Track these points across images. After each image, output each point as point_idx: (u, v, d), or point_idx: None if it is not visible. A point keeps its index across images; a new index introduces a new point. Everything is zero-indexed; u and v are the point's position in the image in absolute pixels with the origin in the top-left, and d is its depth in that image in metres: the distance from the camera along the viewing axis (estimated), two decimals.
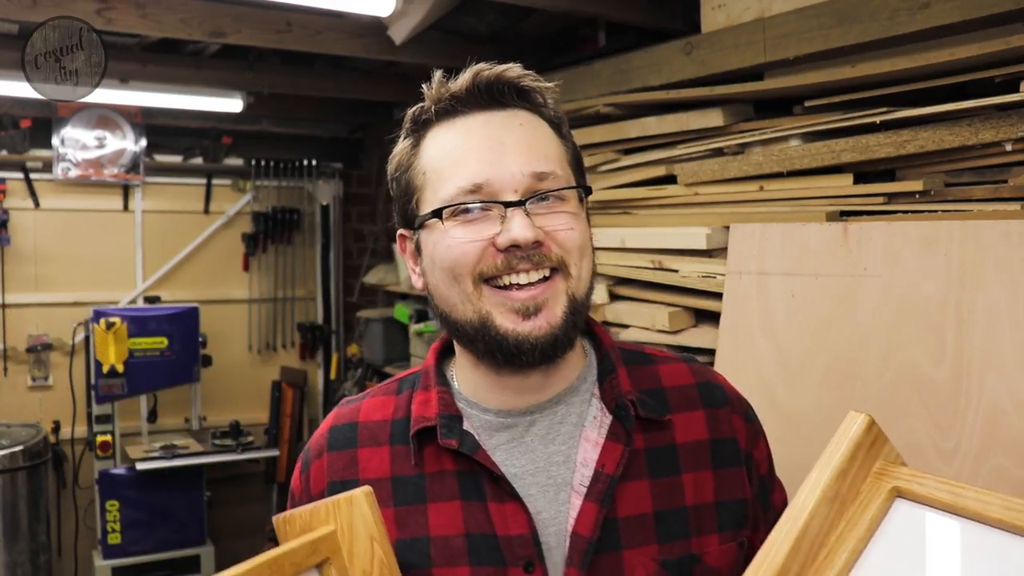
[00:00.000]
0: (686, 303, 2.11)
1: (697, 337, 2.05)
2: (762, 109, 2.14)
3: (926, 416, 1.45)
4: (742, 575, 0.84)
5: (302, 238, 4.81)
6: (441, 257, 0.88)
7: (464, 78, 0.90)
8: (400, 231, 0.97)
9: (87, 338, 3.96)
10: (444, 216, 0.87)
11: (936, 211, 1.66)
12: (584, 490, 0.88)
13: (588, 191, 0.93)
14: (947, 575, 0.75)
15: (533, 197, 0.86)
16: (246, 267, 4.69)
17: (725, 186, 2.09)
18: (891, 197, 1.75)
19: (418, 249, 0.93)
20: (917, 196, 1.70)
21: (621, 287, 2.36)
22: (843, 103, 1.86)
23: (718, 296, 1.94)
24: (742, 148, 2.07)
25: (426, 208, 0.90)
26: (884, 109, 1.74)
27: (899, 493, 0.83)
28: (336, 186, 4.86)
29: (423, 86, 0.93)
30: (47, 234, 4.19)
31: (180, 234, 4.50)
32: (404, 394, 0.97)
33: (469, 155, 0.87)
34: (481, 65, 0.91)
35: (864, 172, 1.83)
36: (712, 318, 2.03)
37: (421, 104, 0.93)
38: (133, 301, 4.36)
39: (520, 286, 0.86)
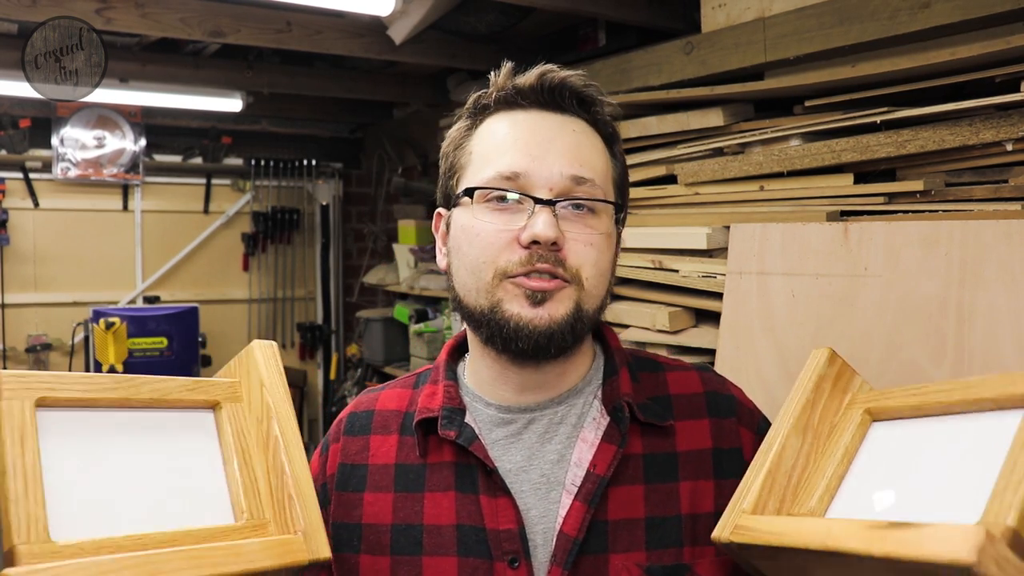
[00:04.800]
0: (686, 303, 2.11)
1: (697, 337, 2.05)
2: (762, 109, 2.14)
3: None
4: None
5: (302, 238, 4.81)
6: (468, 242, 0.89)
7: (531, 75, 0.92)
8: (438, 209, 0.98)
9: (87, 338, 3.96)
10: (476, 198, 0.89)
11: (936, 211, 1.66)
12: (575, 490, 0.88)
13: (621, 209, 0.94)
14: (926, 475, 0.76)
15: (565, 201, 0.87)
16: (246, 267, 4.69)
17: (725, 186, 2.09)
18: (891, 197, 1.75)
19: (448, 228, 0.94)
20: (917, 196, 1.70)
21: (621, 287, 2.36)
22: (843, 103, 1.86)
23: (718, 296, 1.94)
24: (742, 148, 2.07)
25: (463, 187, 0.91)
26: (884, 109, 1.74)
27: (872, 415, 0.84)
28: (336, 186, 4.86)
29: (491, 74, 0.95)
30: (47, 234, 4.19)
31: (180, 234, 4.50)
32: (419, 388, 1.00)
33: (515, 145, 0.89)
34: (550, 66, 0.92)
35: (864, 172, 1.83)
36: (712, 318, 2.03)
37: (485, 90, 0.95)
38: (133, 301, 4.36)
39: (536, 276, 0.86)
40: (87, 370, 3.95)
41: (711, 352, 1.94)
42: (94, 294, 4.24)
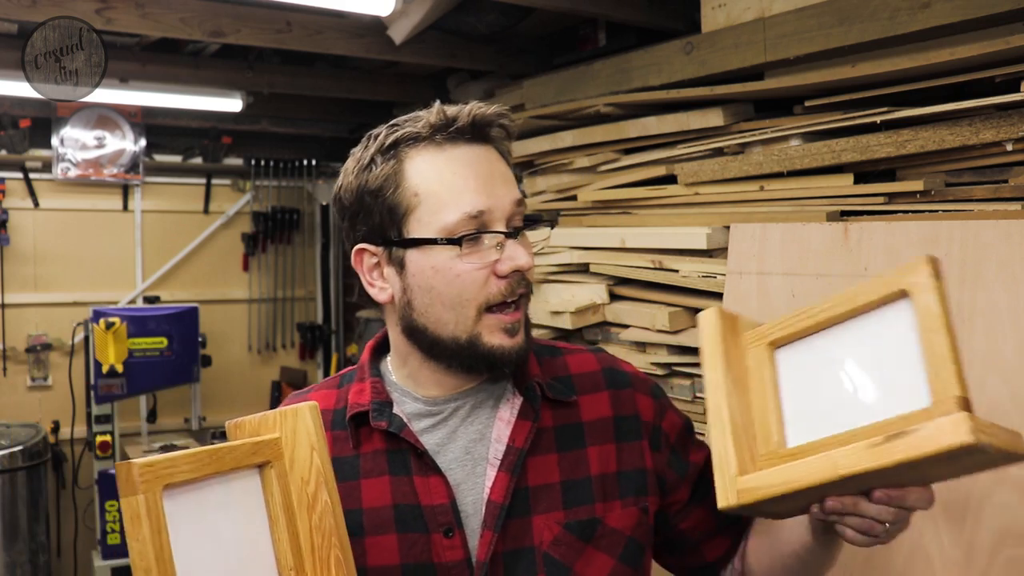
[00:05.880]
0: (686, 303, 2.11)
1: (697, 337, 2.05)
2: (762, 109, 2.14)
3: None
4: (655, 527, 1.03)
5: (302, 238, 4.81)
6: (446, 281, 0.96)
7: (463, 112, 0.98)
8: (362, 246, 1.01)
9: (87, 338, 3.95)
10: (445, 241, 0.95)
11: (936, 211, 1.66)
12: (498, 463, 0.99)
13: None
14: (855, 379, 0.84)
15: (517, 229, 0.98)
16: (246, 267, 4.68)
17: (725, 186, 2.09)
18: (891, 197, 1.75)
19: (400, 266, 0.99)
20: (917, 196, 1.70)
21: (621, 287, 2.36)
22: (843, 103, 1.86)
23: (718, 296, 1.94)
24: (742, 148, 2.07)
25: (421, 230, 0.96)
26: (884, 109, 1.74)
27: (774, 345, 0.93)
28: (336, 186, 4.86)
29: (393, 111, 1.01)
30: (47, 234, 4.19)
31: (180, 234, 4.50)
32: (344, 387, 1.08)
33: (468, 183, 0.96)
34: (477, 103, 1.00)
35: (864, 172, 1.83)
36: None
37: (398, 126, 0.99)
38: (133, 301, 4.36)
39: (510, 310, 0.97)
40: (87, 370, 3.95)
41: None
42: (94, 294, 4.24)
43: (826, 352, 0.89)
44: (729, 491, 0.88)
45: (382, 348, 1.11)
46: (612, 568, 1.00)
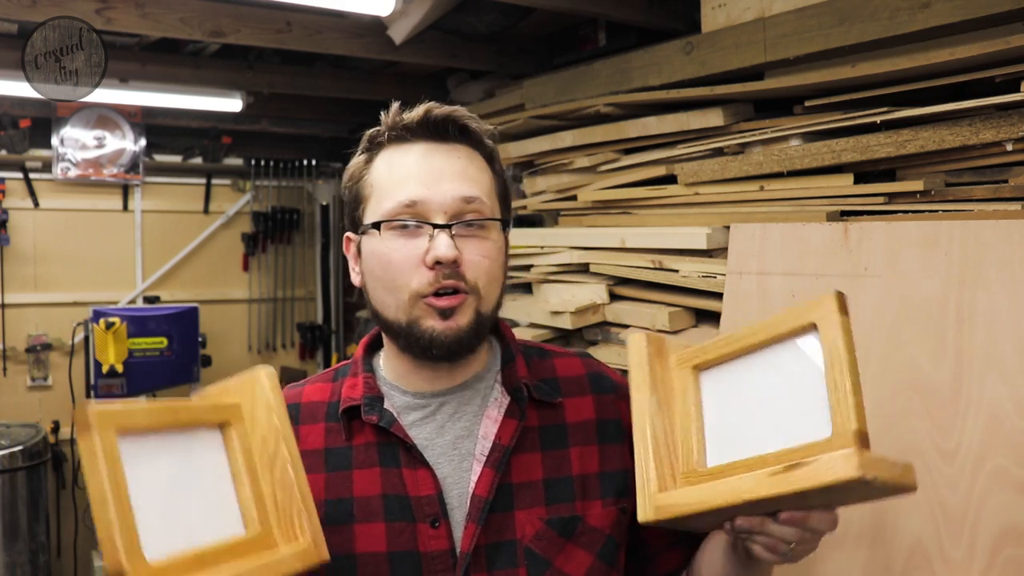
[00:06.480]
0: (686, 303, 2.11)
1: (697, 337, 2.05)
2: (762, 109, 2.14)
3: (927, 416, 1.44)
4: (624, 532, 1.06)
5: (302, 238, 4.80)
6: (381, 266, 1.02)
7: (418, 112, 1.04)
8: (347, 234, 1.11)
9: (87, 338, 3.95)
10: (383, 228, 1.02)
11: (936, 211, 1.66)
12: (484, 459, 1.03)
13: (506, 223, 1.09)
14: (768, 407, 0.91)
15: (459, 222, 1.01)
16: (246, 267, 4.68)
17: (725, 186, 2.09)
18: (891, 197, 1.75)
19: (359, 252, 1.07)
20: (917, 196, 1.70)
21: (621, 287, 2.36)
22: (843, 103, 1.86)
23: (718, 296, 1.94)
24: (742, 148, 2.07)
25: (369, 217, 1.04)
26: (884, 109, 1.74)
27: (699, 369, 0.99)
28: (336, 186, 4.86)
29: (381, 112, 1.08)
30: (47, 234, 4.19)
31: (180, 234, 4.50)
32: (339, 381, 1.12)
33: (410, 176, 1.02)
34: (433, 104, 1.05)
35: (864, 172, 1.83)
36: (712, 318, 2.03)
37: (378, 128, 1.07)
38: (133, 301, 4.35)
39: (446, 293, 1.00)
40: (87, 370, 3.95)
41: None
42: (94, 294, 4.24)
43: (744, 378, 0.95)
44: (648, 507, 0.95)
45: (376, 344, 1.16)
46: (591, 565, 1.03)
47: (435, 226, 1.00)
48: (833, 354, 0.84)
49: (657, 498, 0.93)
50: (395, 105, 1.06)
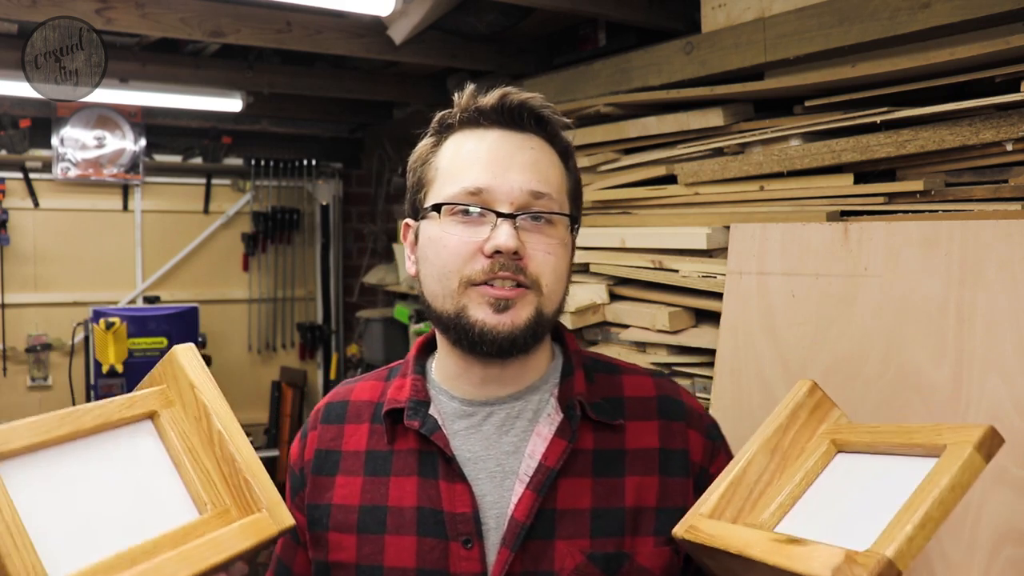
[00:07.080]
0: (686, 303, 2.11)
1: (697, 337, 2.05)
2: (762, 109, 2.14)
3: (927, 416, 1.44)
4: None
5: (302, 238, 4.81)
6: (435, 252, 0.96)
7: (493, 96, 0.99)
8: (407, 220, 1.05)
9: (87, 338, 3.96)
10: (443, 212, 0.96)
11: (936, 211, 1.66)
12: (527, 480, 0.95)
13: (576, 221, 1.03)
14: (855, 504, 0.86)
15: (525, 214, 0.95)
16: (246, 267, 4.69)
17: (725, 186, 2.09)
18: (891, 197, 1.75)
19: (416, 238, 1.02)
20: (917, 196, 1.70)
21: (621, 287, 2.36)
22: (843, 103, 1.86)
23: (718, 296, 1.94)
24: (742, 148, 2.07)
25: (430, 201, 0.99)
26: (884, 109, 1.74)
27: (836, 445, 0.93)
28: (336, 186, 4.86)
29: (455, 94, 1.02)
30: (47, 234, 4.19)
31: (180, 234, 4.50)
32: (391, 381, 1.07)
33: (478, 162, 0.97)
34: (510, 89, 1.00)
35: (864, 172, 1.83)
36: (712, 318, 2.03)
37: (450, 109, 1.02)
38: (133, 301, 4.36)
39: (499, 284, 0.94)
40: (87, 370, 3.96)
41: (711, 352, 1.94)
42: (94, 294, 4.24)
43: (861, 473, 0.90)
44: (685, 522, 0.91)
45: (430, 346, 1.10)
46: None
47: (499, 215, 0.94)
48: (934, 480, 0.77)
49: (698, 519, 0.89)
50: (470, 87, 1.01)
